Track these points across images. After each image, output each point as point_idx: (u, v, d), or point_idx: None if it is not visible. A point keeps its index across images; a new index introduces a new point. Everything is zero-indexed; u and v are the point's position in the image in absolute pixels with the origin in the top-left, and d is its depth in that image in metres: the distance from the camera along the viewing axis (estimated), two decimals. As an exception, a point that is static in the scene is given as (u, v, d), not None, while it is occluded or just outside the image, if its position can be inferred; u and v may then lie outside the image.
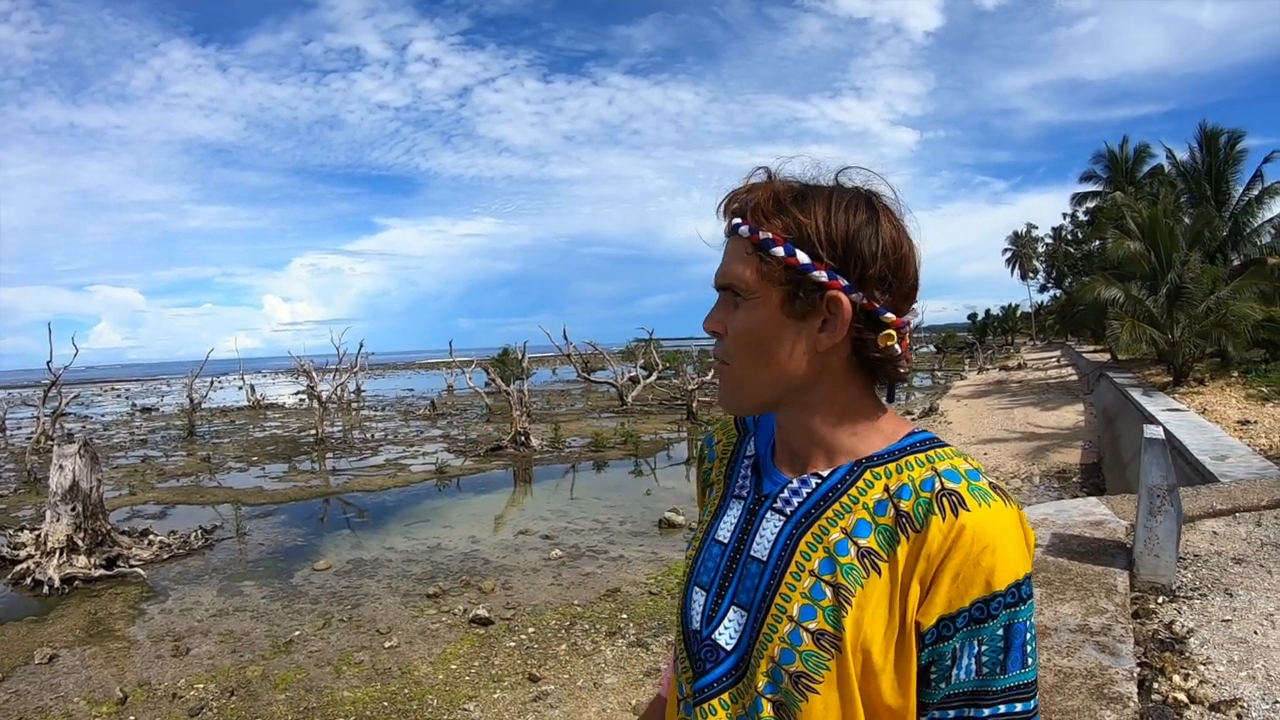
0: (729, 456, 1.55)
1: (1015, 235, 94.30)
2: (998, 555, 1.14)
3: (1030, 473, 16.82)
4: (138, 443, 32.68)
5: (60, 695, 8.38)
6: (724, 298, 1.32)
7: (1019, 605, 1.15)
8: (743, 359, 1.29)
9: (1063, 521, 8.00)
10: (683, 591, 1.47)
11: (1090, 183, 48.35)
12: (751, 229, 1.25)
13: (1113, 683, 4.62)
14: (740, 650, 1.30)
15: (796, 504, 1.32)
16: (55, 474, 12.82)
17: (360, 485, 20.58)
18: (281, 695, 8.09)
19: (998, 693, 1.16)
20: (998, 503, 1.17)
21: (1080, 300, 31.34)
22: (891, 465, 1.27)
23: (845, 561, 1.22)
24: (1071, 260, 53.89)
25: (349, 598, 11.22)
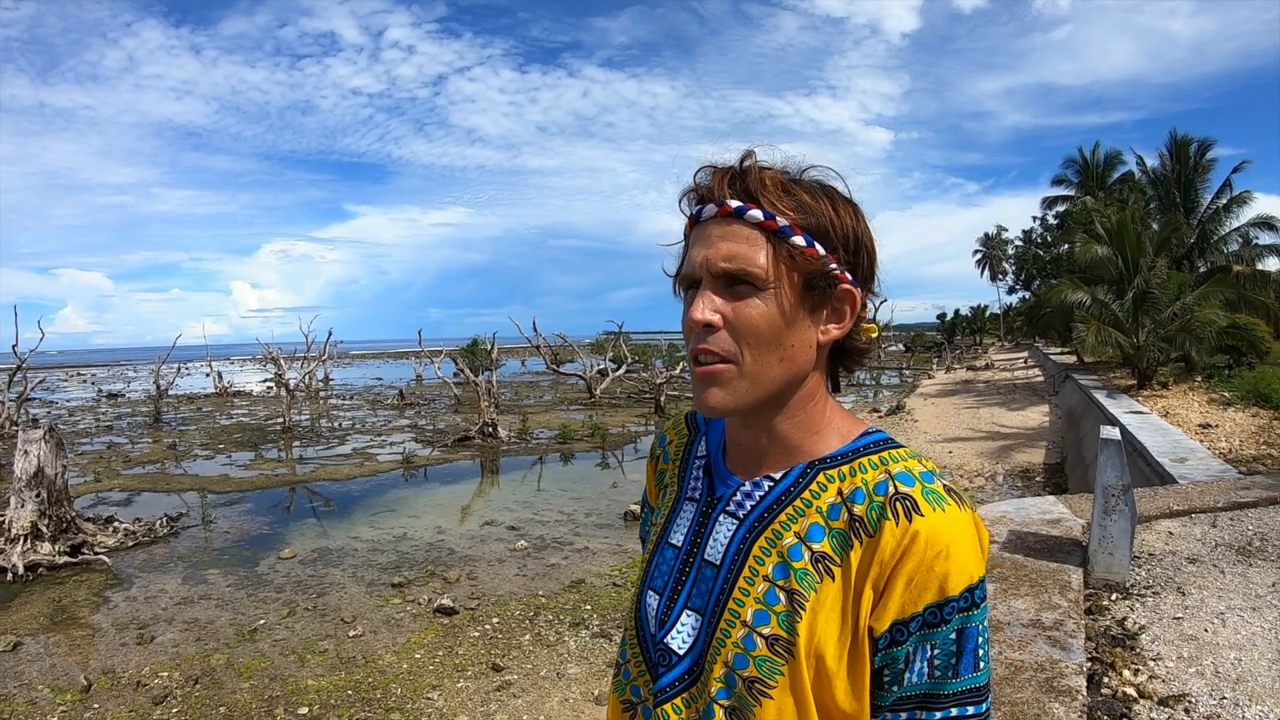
0: (681, 457, 1.55)
1: (986, 237, 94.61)
2: (951, 560, 1.14)
3: (994, 471, 16.96)
4: (103, 429, 32.39)
5: (24, 683, 8.35)
6: (714, 286, 1.25)
7: (972, 610, 1.16)
8: (755, 352, 1.23)
9: (1021, 519, 8.11)
10: (636, 595, 1.47)
11: (1061, 187, 48.65)
12: (767, 214, 1.21)
13: (1062, 676, 4.72)
14: (694, 654, 1.31)
15: (749, 507, 1.32)
16: (20, 460, 12.76)
17: (327, 474, 20.54)
18: (246, 684, 8.11)
19: (950, 696, 1.17)
20: (952, 507, 1.18)
21: (1048, 302, 31.62)
22: (845, 468, 1.27)
23: (799, 566, 1.23)
24: (1040, 263, 54.20)
25: (314, 587, 11.22)
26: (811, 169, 1.29)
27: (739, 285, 1.22)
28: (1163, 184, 34.64)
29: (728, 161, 1.28)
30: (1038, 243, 60.50)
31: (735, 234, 1.22)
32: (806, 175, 1.28)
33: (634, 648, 1.42)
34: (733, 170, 1.27)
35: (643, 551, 1.59)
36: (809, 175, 1.28)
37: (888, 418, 26.58)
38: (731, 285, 1.23)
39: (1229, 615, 5.78)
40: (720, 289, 1.23)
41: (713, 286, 1.24)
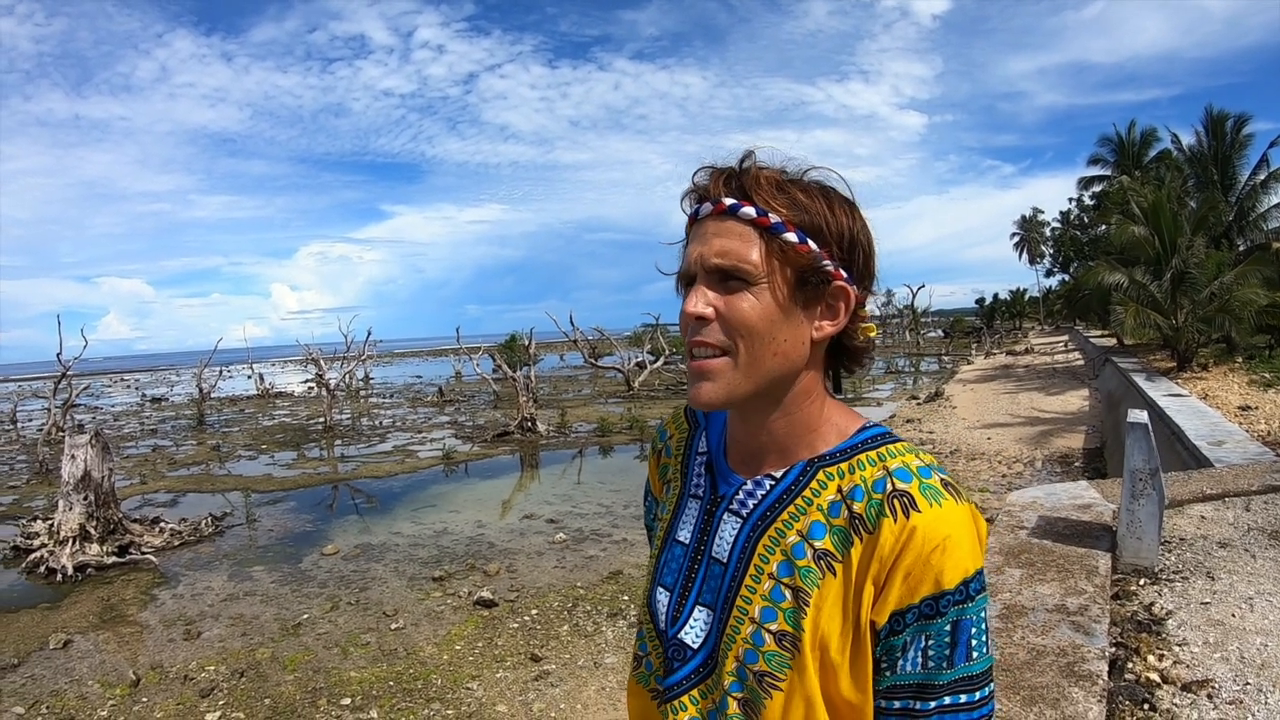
0: (683, 451, 1.57)
1: (1023, 219, 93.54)
2: (948, 555, 1.17)
3: (1033, 457, 16.87)
4: (148, 432, 32.88)
5: (74, 679, 8.57)
6: (709, 281, 1.27)
7: (967, 602, 1.18)
8: (748, 345, 1.25)
9: (1051, 504, 8.05)
10: (647, 592, 1.51)
11: (1097, 167, 48.02)
12: (759, 210, 1.24)
13: (1084, 661, 4.67)
14: (707, 648, 1.34)
15: (752, 506, 1.35)
16: (68, 464, 13.00)
17: (368, 471, 20.73)
18: (290, 676, 8.27)
19: (943, 686, 1.19)
20: (949, 501, 1.20)
21: (1086, 285, 31.16)
22: (844, 465, 1.29)
23: (802, 564, 1.26)
24: (1078, 245, 53.55)
25: (356, 581, 11.39)
26: (812, 170, 1.31)
27: (732, 280, 1.25)
28: (1199, 161, 34.06)
29: (727, 162, 1.31)
30: (1075, 224, 59.83)
31: (729, 230, 1.25)
32: (807, 176, 1.31)
33: (653, 640, 1.46)
34: (729, 170, 1.29)
35: (649, 545, 1.64)
36: (809, 176, 1.31)
37: (926, 404, 26.38)
38: (725, 280, 1.25)
39: (1258, 600, 5.69)
40: (714, 284, 1.26)
41: (707, 281, 1.27)
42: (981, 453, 17.55)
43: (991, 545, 6.87)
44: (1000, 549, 6.77)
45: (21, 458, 27.16)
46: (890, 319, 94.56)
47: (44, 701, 8.05)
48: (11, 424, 37.66)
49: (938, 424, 21.93)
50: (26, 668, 8.97)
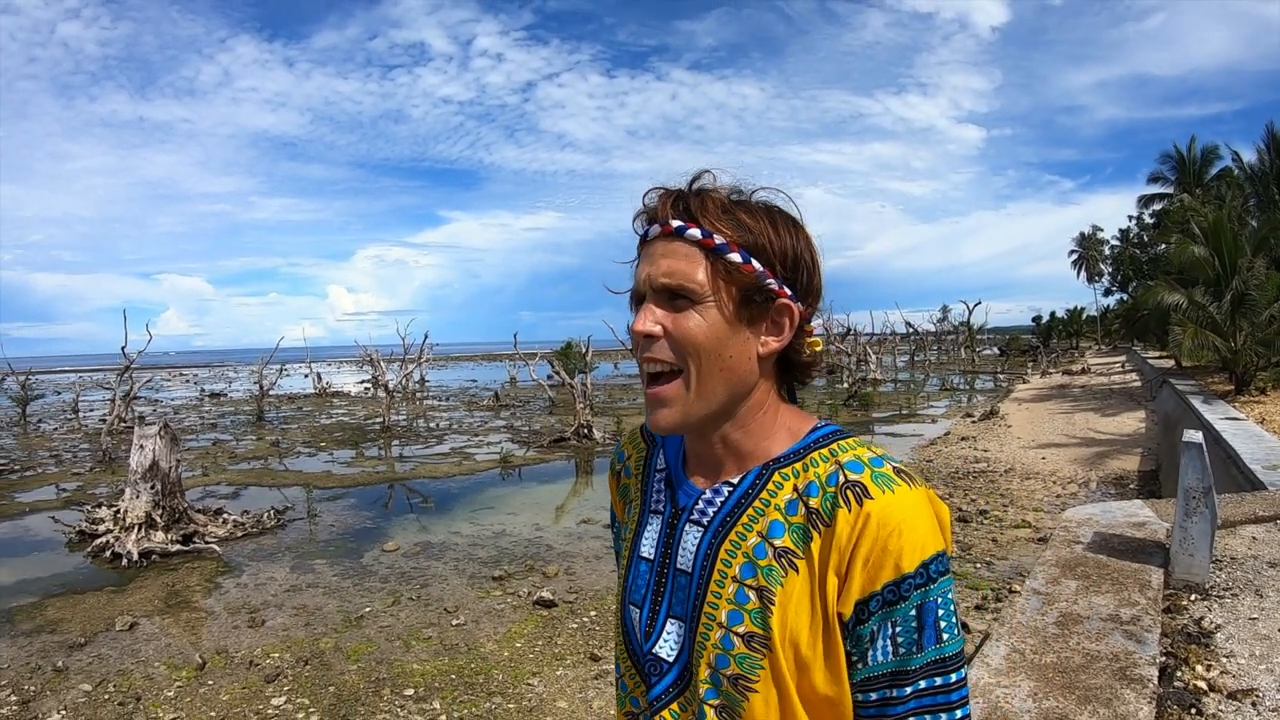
0: (641, 470, 1.61)
1: (1082, 236, 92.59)
2: (904, 539, 1.19)
3: (1088, 478, 16.73)
4: (208, 426, 33.39)
5: (141, 660, 8.72)
6: (657, 300, 1.31)
7: (929, 585, 1.20)
8: (697, 363, 1.29)
9: (1106, 521, 8.17)
10: (619, 611, 1.54)
11: (1157, 184, 47.62)
12: (705, 232, 1.28)
13: (1135, 666, 4.85)
14: (682, 661, 1.36)
15: (712, 514, 1.38)
16: (136, 454, 13.24)
17: (426, 472, 20.91)
18: (354, 665, 8.38)
19: (916, 670, 1.20)
20: (902, 487, 1.23)
21: (1144, 305, 30.79)
22: (798, 464, 1.33)
23: (764, 564, 1.28)
24: (1137, 264, 52.99)
25: (417, 578, 11.50)
26: (760, 190, 1.36)
27: (679, 299, 1.29)
28: (1260, 180, 33.49)
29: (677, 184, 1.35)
30: (1134, 243, 59.24)
31: (675, 251, 1.29)
32: (755, 196, 1.36)
33: (625, 661, 1.49)
34: (678, 192, 1.34)
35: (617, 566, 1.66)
36: (757, 196, 1.36)
37: (981, 422, 26.21)
38: (672, 299, 1.29)
39: (1305, 617, 5.81)
40: (662, 302, 1.30)
41: (655, 300, 1.31)
42: (1036, 472, 17.44)
43: (1048, 558, 7.09)
44: (1057, 562, 6.97)
45: (84, 446, 27.66)
46: (945, 335, 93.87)
47: (111, 680, 8.21)
48: (74, 413, 38.21)
49: (992, 442, 21.81)
50: (93, 647, 9.14)
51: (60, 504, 17.70)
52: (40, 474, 21.99)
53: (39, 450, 26.99)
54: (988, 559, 10.99)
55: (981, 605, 9.09)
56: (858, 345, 53.88)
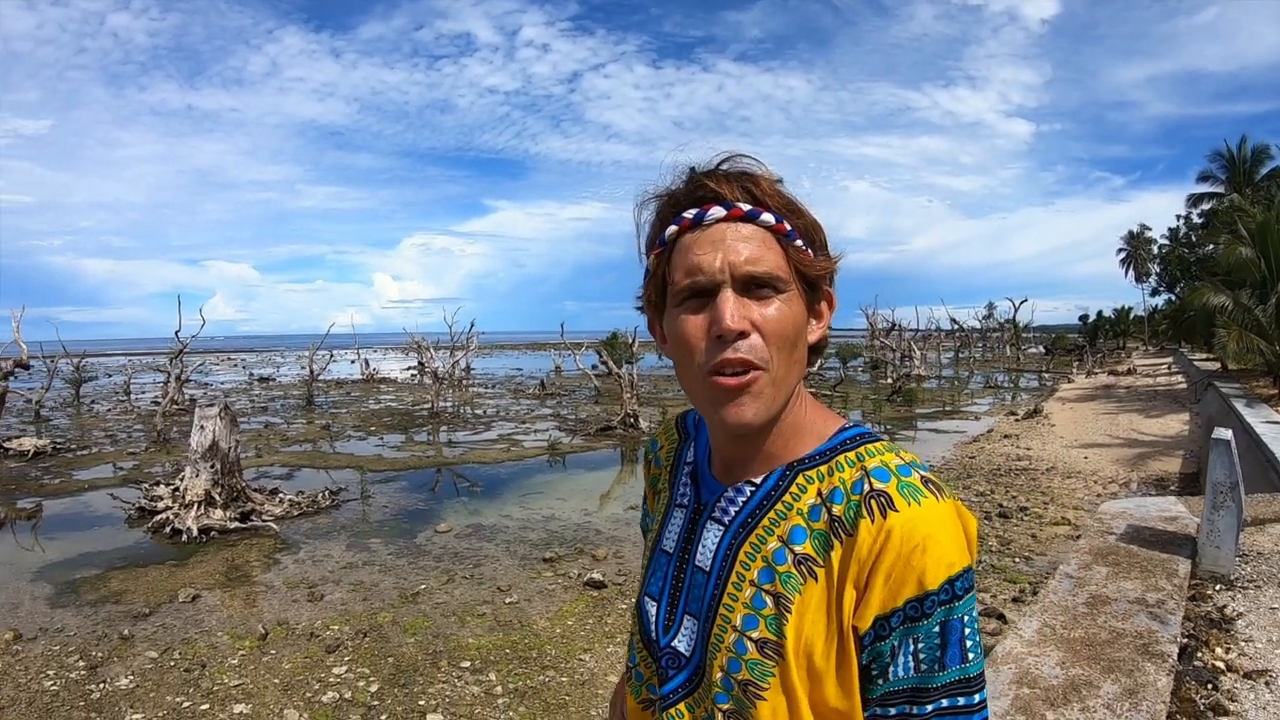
0: (671, 462, 1.58)
1: (1130, 235, 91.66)
2: (929, 554, 1.14)
3: (1129, 479, 16.68)
4: (259, 409, 33.82)
5: (204, 630, 9.00)
6: (731, 293, 1.21)
7: (954, 602, 1.16)
8: (781, 356, 1.23)
9: (1140, 515, 8.41)
10: (637, 603, 1.51)
11: (1207, 184, 47.18)
12: (778, 216, 1.23)
13: (1157, 643, 5.21)
14: (696, 658, 1.33)
15: (733, 513, 1.34)
16: (196, 434, 13.56)
17: (475, 457, 21.13)
18: (411, 639, 8.61)
19: (938, 689, 1.16)
20: (929, 499, 1.18)
21: (1191, 306, 30.53)
22: (823, 468, 1.28)
23: (783, 570, 1.24)
24: (1185, 264, 52.49)
25: (470, 558, 11.73)
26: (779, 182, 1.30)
27: (762, 289, 1.22)
28: (1312, 181, 33.29)
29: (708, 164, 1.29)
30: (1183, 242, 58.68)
31: (750, 236, 1.22)
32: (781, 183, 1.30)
33: (641, 651, 1.47)
34: (734, 173, 1.27)
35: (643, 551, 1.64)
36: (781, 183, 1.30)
37: (1025, 421, 26.10)
38: (752, 289, 1.22)
39: (1322, 609, 6.07)
40: (742, 292, 1.22)
41: (730, 293, 1.21)
42: (1078, 472, 17.42)
43: (1082, 546, 7.47)
44: (1090, 549, 7.31)
45: (138, 427, 28.08)
46: (991, 333, 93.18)
47: (175, 648, 8.47)
48: (125, 395, 38.71)
49: (1035, 441, 21.77)
50: (157, 617, 9.42)
51: (118, 481, 18.08)
52: (97, 453, 22.38)
53: (94, 430, 27.45)
54: (1026, 554, 11.09)
55: (1019, 598, 9.19)
56: (902, 341, 53.64)
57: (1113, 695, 4.52)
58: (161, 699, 7.34)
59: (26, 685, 7.67)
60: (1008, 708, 4.41)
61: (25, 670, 8.01)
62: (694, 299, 1.24)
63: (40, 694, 7.49)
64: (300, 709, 7.09)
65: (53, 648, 8.58)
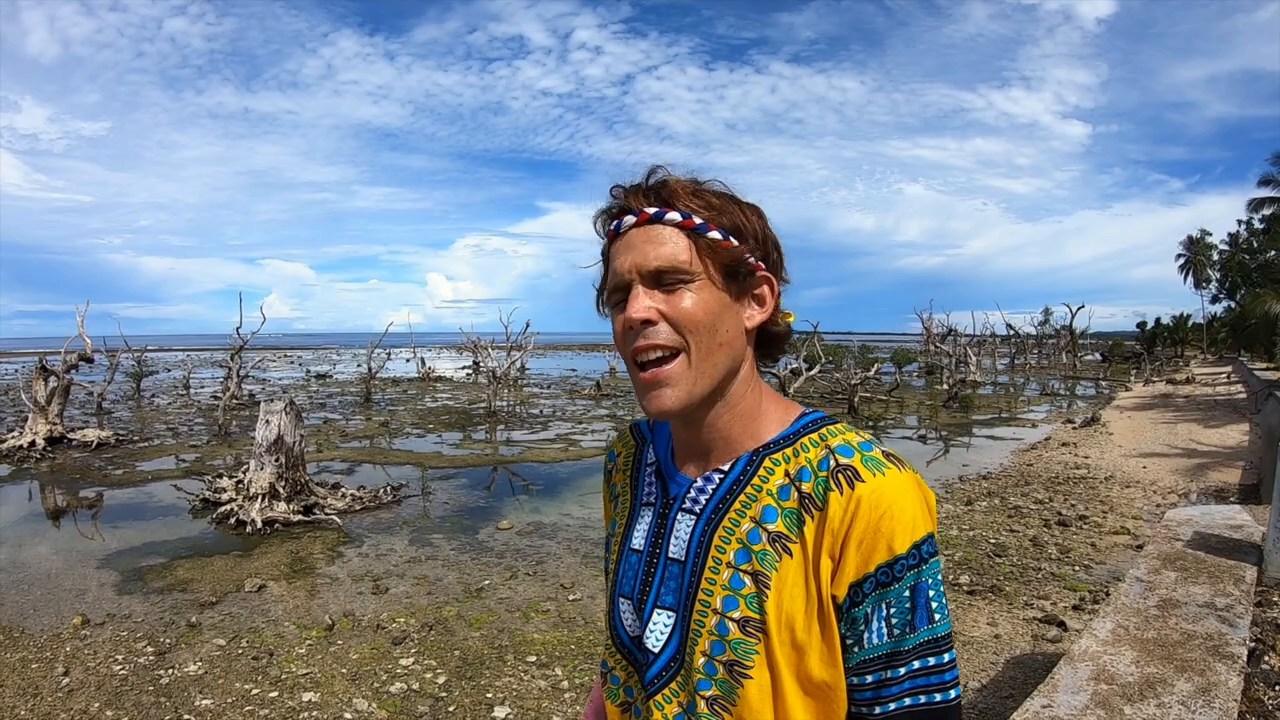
0: (631, 466, 1.63)
1: (1189, 240, 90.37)
2: (896, 520, 1.21)
3: (1188, 489, 16.49)
4: (317, 405, 34.18)
5: (271, 619, 9.09)
6: (647, 285, 1.32)
7: (921, 565, 1.22)
8: (698, 340, 1.31)
9: (1206, 522, 8.45)
10: (609, 605, 1.55)
11: (1268, 188, 46.45)
12: (684, 214, 1.31)
13: (1227, 645, 5.24)
14: (671, 649, 1.37)
15: (704, 501, 1.40)
16: (262, 428, 13.71)
17: (533, 456, 21.22)
18: (476, 633, 8.65)
19: (910, 650, 1.22)
20: (891, 470, 1.25)
21: (1252, 313, 30.21)
22: (789, 450, 1.35)
23: (758, 549, 1.30)
24: (1246, 270, 51.93)
25: (532, 555, 11.76)
26: (712, 181, 1.38)
27: (670, 281, 1.31)
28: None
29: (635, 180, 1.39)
30: (1244, 248, 58.01)
31: (658, 236, 1.31)
32: (709, 185, 1.38)
33: (614, 654, 1.51)
34: (643, 184, 1.37)
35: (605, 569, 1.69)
36: (710, 185, 1.38)
37: (1082, 429, 25.89)
38: (662, 283, 1.31)
39: (1388, 618, 6.12)
40: (653, 287, 1.32)
41: (645, 285, 1.32)
42: (1136, 481, 17.25)
43: (1150, 552, 7.41)
44: (1158, 555, 7.35)
45: (198, 420, 28.54)
46: (1047, 339, 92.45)
47: (243, 636, 8.56)
48: (185, 389, 39.23)
49: (1093, 449, 21.58)
50: (223, 606, 9.53)
51: (180, 473, 18.35)
52: (159, 445, 22.76)
53: (155, 423, 27.91)
54: (1086, 563, 10.98)
55: (1079, 606, 9.13)
56: (958, 346, 53.41)
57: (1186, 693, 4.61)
58: (230, 686, 7.41)
59: (95, 669, 7.78)
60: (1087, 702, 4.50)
61: (94, 654, 8.12)
62: (619, 300, 1.36)
63: (109, 678, 7.59)
64: (369, 698, 7.13)
65: (120, 633, 8.70)
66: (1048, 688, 4.59)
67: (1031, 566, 10.75)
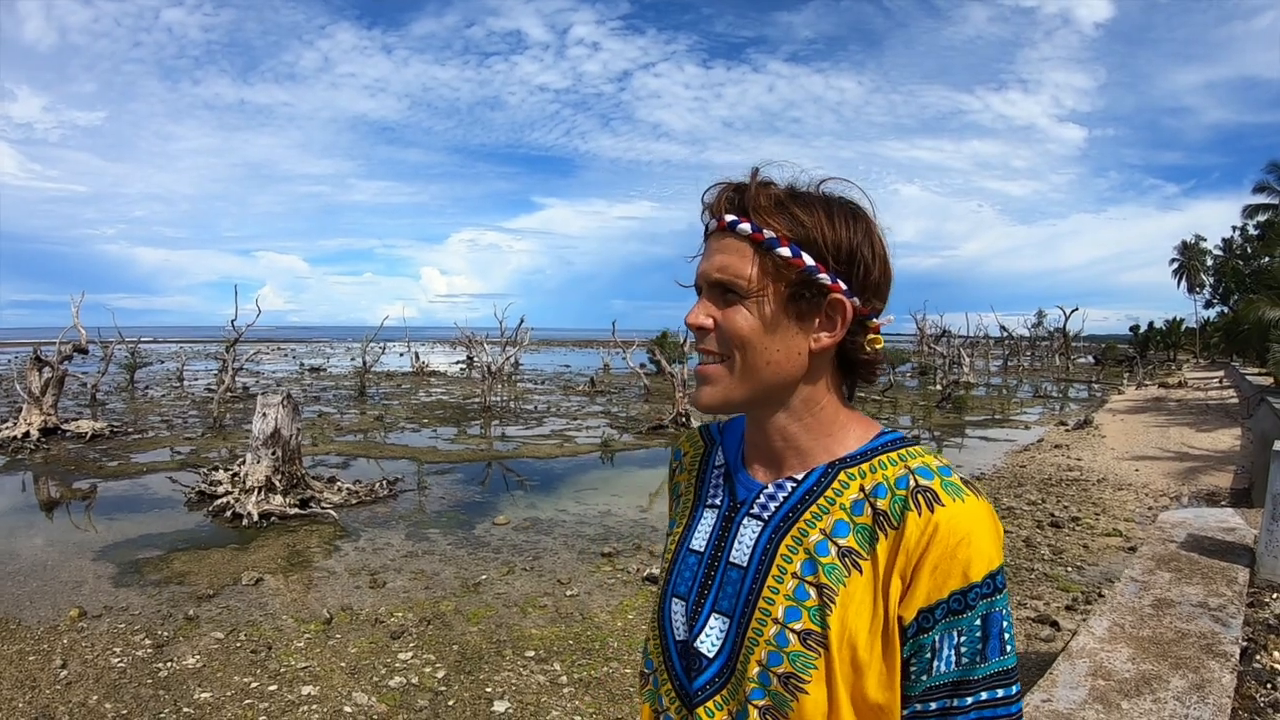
0: (697, 467, 1.60)
1: (1184, 245, 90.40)
2: (973, 548, 1.19)
3: (1179, 492, 16.55)
4: (311, 399, 34.13)
5: (268, 613, 9.11)
6: (710, 294, 1.34)
7: (995, 595, 1.20)
8: (742, 355, 1.31)
9: (1199, 525, 8.63)
10: (659, 603, 1.51)
11: (1263, 194, 46.68)
12: (755, 227, 1.28)
13: (1220, 644, 5.47)
14: (724, 656, 1.34)
15: (774, 508, 1.37)
16: (259, 421, 13.74)
17: (529, 452, 21.27)
18: (474, 628, 8.69)
19: (979, 681, 1.20)
20: (970, 497, 1.23)
21: (1245, 319, 30.27)
22: (865, 465, 1.32)
23: (826, 562, 1.27)
24: (1239, 276, 52.05)
25: (528, 550, 11.80)
26: (828, 182, 1.35)
27: (729, 294, 1.31)
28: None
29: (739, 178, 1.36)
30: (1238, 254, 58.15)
31: (728, 246, 1.31)
32: (822, 188, 1.35)
33: (659, 656, 1.48)
34: (733, 186, 1.35)
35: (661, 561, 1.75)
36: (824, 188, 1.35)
37: (1075, 431, 25.96)
38: (724, 294, 1.32)
39: (1375, 618, 6.30)
40: (714, 296, 1.33)
41: (707, 294, 1.35)
42: (1129, 484, 17.34)
43: (1144, 553, 7.68)
44: (1153, 556, 7.56)
45: (193, 413, 28.52)
46: (1040, 341, 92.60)
47: (241, 630, 8.59)
48: (179, 381, 39.22)
49: (1085, 452, 21.68)
50: (221, 599, 9.55)
51: (176, 466, 18.39)
52: (154, 437, 22.75)
53: (149, 415, 27.93)
54: (1078, 564, 11.08)
55: (1072, 606, 9.21)
56: (951, 347, 53.40)
57: (1181, 689, 4.79)
58: (229, 679, 7.43)
59: (93, 661, 7.80)
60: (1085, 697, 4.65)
61: (92, 647, 8.14)
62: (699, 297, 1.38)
63: (108, 670, 7.61)
64: (368, 692, 7.16)
65: (118, 625, 8.72)
66: (1047, 682, 4.66)
67: (1025, 567, 10.82)
